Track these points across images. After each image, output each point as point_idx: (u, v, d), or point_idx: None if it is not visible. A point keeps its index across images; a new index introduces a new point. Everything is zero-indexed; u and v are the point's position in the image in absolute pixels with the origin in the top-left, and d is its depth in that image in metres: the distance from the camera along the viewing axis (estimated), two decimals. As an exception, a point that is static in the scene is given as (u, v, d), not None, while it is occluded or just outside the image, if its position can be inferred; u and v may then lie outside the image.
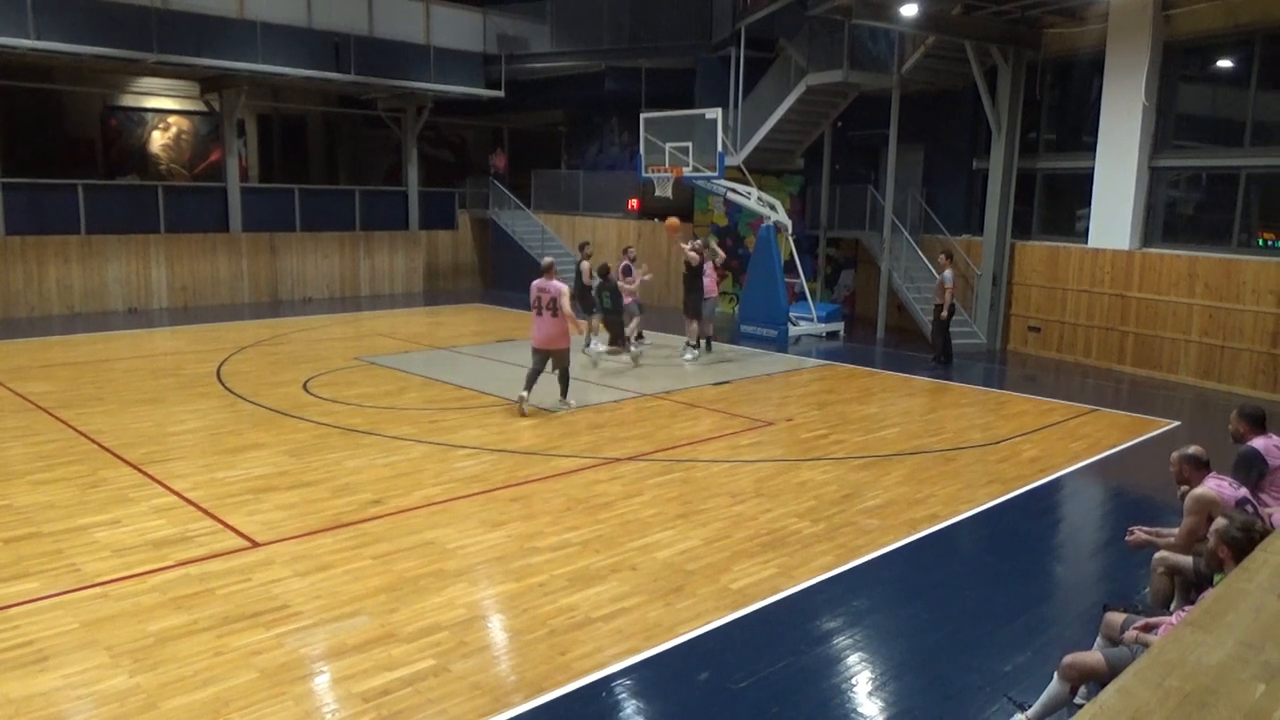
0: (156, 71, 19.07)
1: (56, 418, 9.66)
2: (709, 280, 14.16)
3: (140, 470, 7.98)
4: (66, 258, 17.42)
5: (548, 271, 10.32)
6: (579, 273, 14.23)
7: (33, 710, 4.31)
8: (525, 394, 10.20)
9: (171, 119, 22.29)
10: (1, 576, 5.74)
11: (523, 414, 10.12)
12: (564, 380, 10.57)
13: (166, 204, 18.67)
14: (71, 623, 5.16)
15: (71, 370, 12.20)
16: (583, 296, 13.76)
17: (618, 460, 8.64)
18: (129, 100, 21.69)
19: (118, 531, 6.56)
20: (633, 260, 14.37)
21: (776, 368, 13.76)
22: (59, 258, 17.33)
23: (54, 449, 8.57)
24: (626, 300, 13.97)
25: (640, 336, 14.49)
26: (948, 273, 13.80)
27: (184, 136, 22.60)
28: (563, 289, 10.12)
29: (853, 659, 5.11)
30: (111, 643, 4.95)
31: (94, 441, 8.82)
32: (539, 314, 10.20)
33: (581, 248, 14.84)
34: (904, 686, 4.83)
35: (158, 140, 22.24)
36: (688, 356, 13.89)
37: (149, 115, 22.00)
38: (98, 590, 5.59)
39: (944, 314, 13.95)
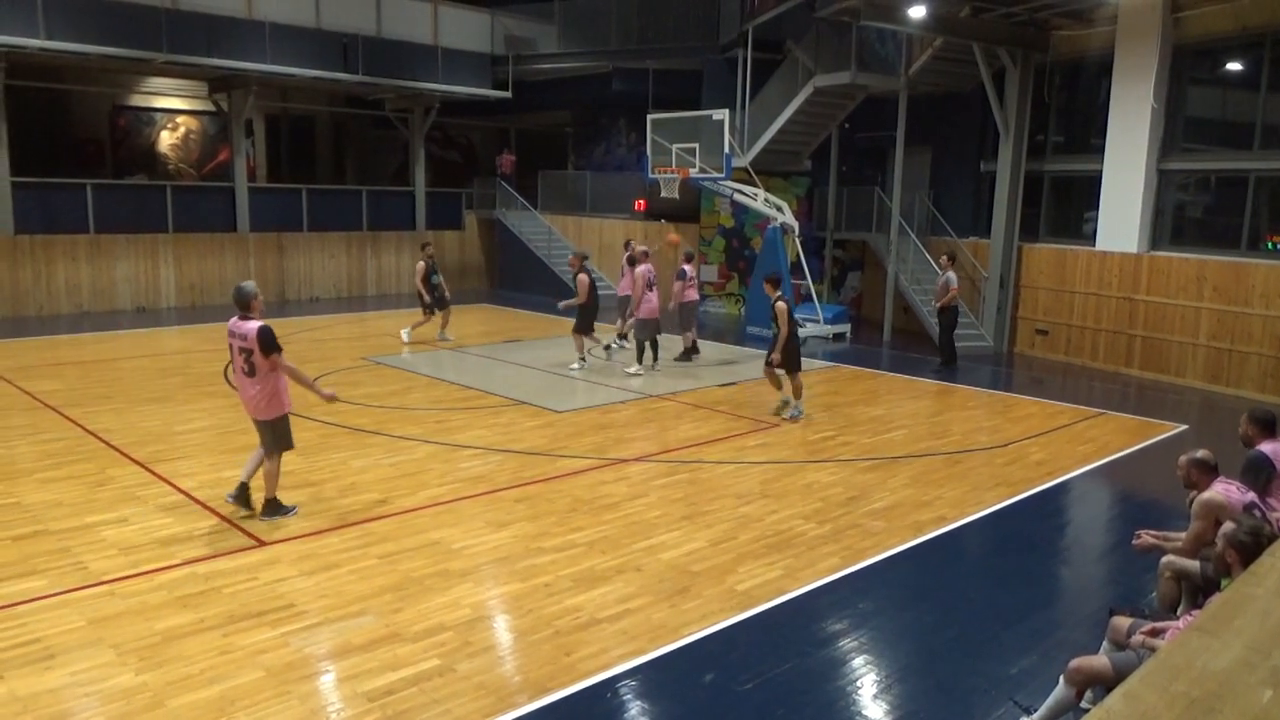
0: (165, 71, 19.16)
1: (64, 416, 9.70)
2: (680, 285, 13.73)
3: (147, 469, 8.01)
4: (75, 257, 17.49)
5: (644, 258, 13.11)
6: (418, 271, 14.86)
7: (40, 707, 4.32)
8: (644, 366, 12.82)
9: (180, 119, 22.37)
10: (9, 574, 5.77)
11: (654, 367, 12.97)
12: (654, 346, 13.02)
13: (175, 204, 18.75)
14: (78, 620, 5.18)
15: (79, 369, 12.24)
16: (422, 294, 14.85)
17: (623, 461, 8.64)
18: (137, 100, 21.77)
19: (125, 530, 6.58)
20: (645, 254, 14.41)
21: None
22: (67, 257, 17.40)
23: (62, 447, 8.60)
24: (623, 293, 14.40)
25: (624, 337, 14.55)
26: (951, 274, 13.79)
27: (192, 136, 22.68)
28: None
29: (858, 661, 5.11)
30: (118, 641, 4.96)
31: (102, 440, 8.85)
32: (650, 290, 12.78)
33: (423, 248, 15.50)
34: (909, 689, 4.82)
35: (166, 140, 22.31)
36: (631, 369, 12.83)
37: (157, 115, 22.08)
38: (104, 588, 5.61)
39: (938, 308, 13.96)
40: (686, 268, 13.70)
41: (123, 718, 4.27)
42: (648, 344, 12.91)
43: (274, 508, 6.90)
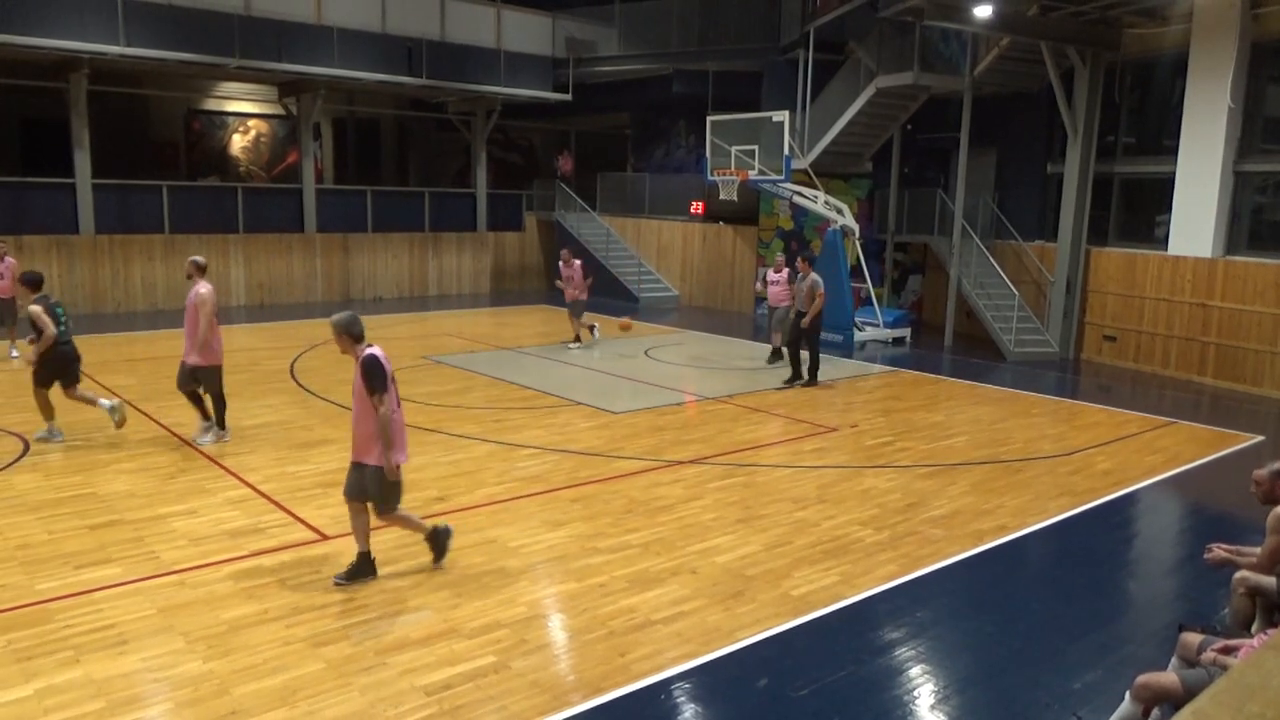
0: (237, 76, 19.69)
1: (139, 410, 10.03)
2: (781, 290, 13.94)
3: (216, 463, 8.24)
4: (151, 256, 18.08)
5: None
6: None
7: (114, 691, 4.48)
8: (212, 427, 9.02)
9: (251, 122, 22.99)
10: (86, 561, 5.99)
11: None
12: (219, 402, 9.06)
13: (245, 205, 19.28)
14: (149, 608, 5.35)
15: (153, 365, 12.64)
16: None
17: (679, 463, 8.63)
18: (211, 104, 22.44)
19: (194, 521, 6.78)
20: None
21: (841, 373, 13.61)
22: (144, 256, 18.01)
23: (136, 440, 8.89)
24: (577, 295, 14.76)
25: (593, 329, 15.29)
26: (815, 276, 12.26)
27: (262, 139, 23.28)
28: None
29: (915, 671, 5.03)
30: (187, 629, 5.11)
31: (173, 434, 9.13)
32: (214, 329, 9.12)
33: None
34: (968, 701, 4.74)
35: (238, 143, 22.95)
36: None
37: (230, 119, 22.73)
38: (175, 578, 5.79)
39: (805, 323, 12.13)
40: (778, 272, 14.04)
41: (190, 704, 4.40)
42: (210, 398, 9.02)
43: None
